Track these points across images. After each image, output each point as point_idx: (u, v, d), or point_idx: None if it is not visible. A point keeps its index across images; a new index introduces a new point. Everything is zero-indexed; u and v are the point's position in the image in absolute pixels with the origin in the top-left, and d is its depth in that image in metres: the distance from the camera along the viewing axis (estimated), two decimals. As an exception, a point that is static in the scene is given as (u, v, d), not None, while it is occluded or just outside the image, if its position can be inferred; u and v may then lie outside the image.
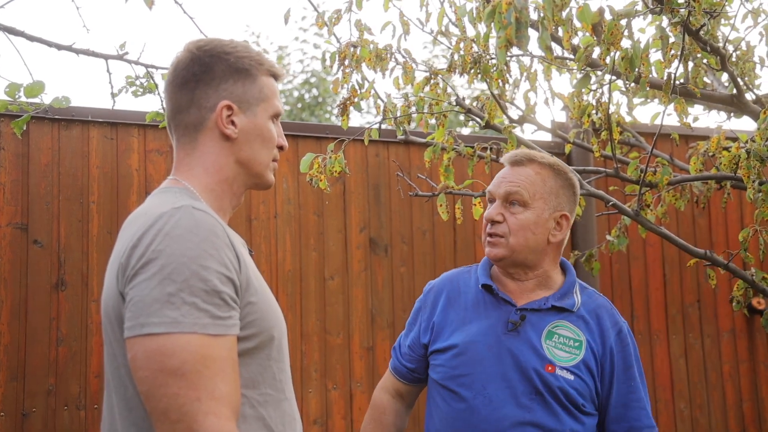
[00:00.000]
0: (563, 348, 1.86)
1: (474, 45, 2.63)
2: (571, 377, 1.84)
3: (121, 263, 1.27)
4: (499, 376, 1.84)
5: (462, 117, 2.91)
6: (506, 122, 2.89)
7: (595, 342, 1.88)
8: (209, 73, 1.41)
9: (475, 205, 2.65)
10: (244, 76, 1.43)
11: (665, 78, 2.36)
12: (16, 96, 2.70)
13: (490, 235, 1.92)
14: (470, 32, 2.68)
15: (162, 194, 1.39)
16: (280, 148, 1.49)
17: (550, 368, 1.84)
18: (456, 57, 2.67)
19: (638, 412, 1.89)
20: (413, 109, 2.80)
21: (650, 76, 2.46)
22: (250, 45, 1.49)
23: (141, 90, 2.93)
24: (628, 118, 3.14)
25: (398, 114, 2.79)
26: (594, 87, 2.84)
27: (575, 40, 2.41)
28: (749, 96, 2.81)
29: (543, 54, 2.39)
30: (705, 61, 2.80)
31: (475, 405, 1.83)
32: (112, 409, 1.32)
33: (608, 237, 3.21)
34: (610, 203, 2.55)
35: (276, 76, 1.48)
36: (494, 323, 1.88)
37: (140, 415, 1.27)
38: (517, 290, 1.92)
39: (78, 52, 2.85)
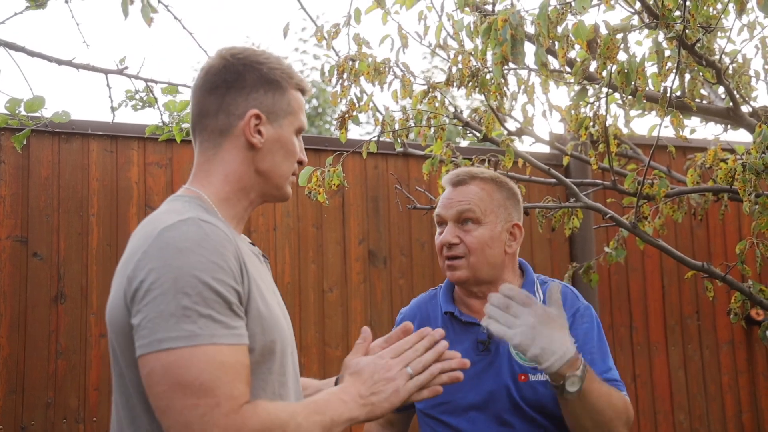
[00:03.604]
0: None
1: (472, 58, 2.64)
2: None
3: (128, 276, 1.27)
4: (479, 398, 1.83)
5: (460, 128, 2.92)
6: (504, 134, 2.90)
7: None
8: (241, 81, 1.41)
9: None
10: (275, 88, 1.43)
11: (661, 91, 2.38)
12: (17, 111, 2.71)
13: (449, 258, 1.92)
14: (468, 46, 2.70)
15: (173, 202, 1.40)
16: (300, 163, 1.50)
17: (523, 378, 1.82)
18: (454, 70, 2.69)
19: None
20: (411, 122, 2.81)
21: (647, 89, 2.48)
22: (282, 59, 1.49)
23: (140, 104, 2.94)
24: (625, 130, 3.15)
25: (396, 127, 2.80)
26: (591, 100, 2.86)
27: (572, 54, 2.42)
28: (745, 109, 2.82)
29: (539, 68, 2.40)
30: (701, 74, 2.81)
31: (462, 430, 1.82)
32: (119, 417, 1.33)
33: (606, 249, 3.21)
34: (608, 216, 2.55)
35: (303, 91, 1.49)
36: (466, 347, 1.86)
37: (143, 425, 1.27)
38: (483, 308, 1.87)
39: (78, 66, 2.87)
